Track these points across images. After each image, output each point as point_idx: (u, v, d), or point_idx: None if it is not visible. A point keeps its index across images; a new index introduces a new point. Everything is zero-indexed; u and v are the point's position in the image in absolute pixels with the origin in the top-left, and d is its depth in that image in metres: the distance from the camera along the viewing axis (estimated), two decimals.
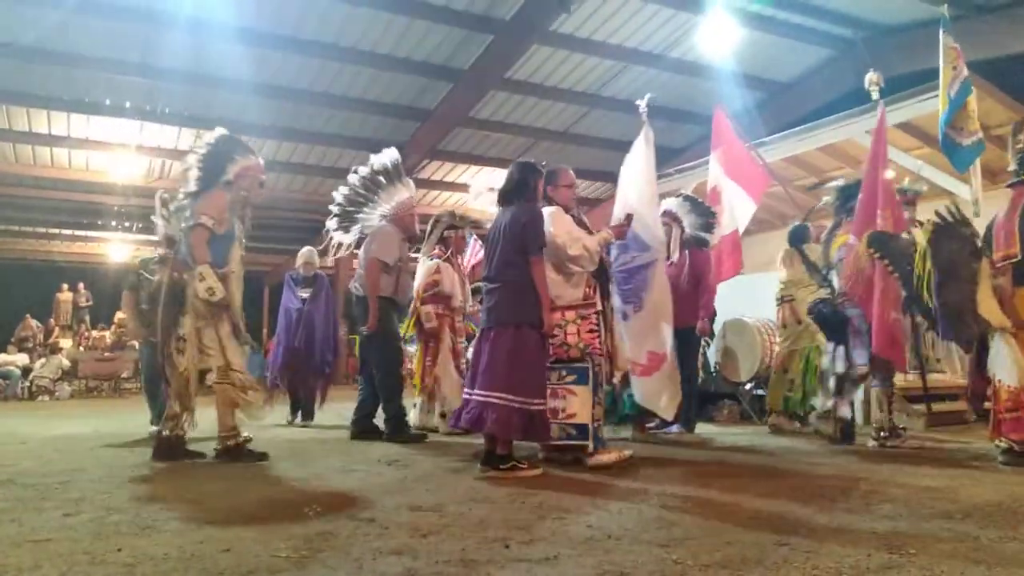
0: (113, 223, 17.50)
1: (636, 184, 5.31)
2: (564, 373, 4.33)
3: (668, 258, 5.74)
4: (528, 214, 4.16)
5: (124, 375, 14.93)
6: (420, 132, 12.88)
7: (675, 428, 5.89)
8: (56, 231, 18.36)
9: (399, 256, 5.92)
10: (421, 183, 15.19)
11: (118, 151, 12.79)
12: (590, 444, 4.23)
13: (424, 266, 6.50)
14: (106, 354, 15.04)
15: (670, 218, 6.06)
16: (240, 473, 4.14)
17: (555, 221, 4.37)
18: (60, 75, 10.52)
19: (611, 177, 15.03)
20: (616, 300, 5.09)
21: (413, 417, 6.31)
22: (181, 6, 9.02)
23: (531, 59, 11.06)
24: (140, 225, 17.52)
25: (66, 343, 16.55)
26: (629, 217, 4.77)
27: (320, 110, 12.17)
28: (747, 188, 6.48)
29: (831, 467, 4.30)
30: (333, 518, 2.91)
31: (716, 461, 4.65)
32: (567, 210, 4.59)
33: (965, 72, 5.43)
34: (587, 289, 4.46)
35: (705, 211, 6.14)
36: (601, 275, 4.59)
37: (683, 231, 6.09)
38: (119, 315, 18.05)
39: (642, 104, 5.52)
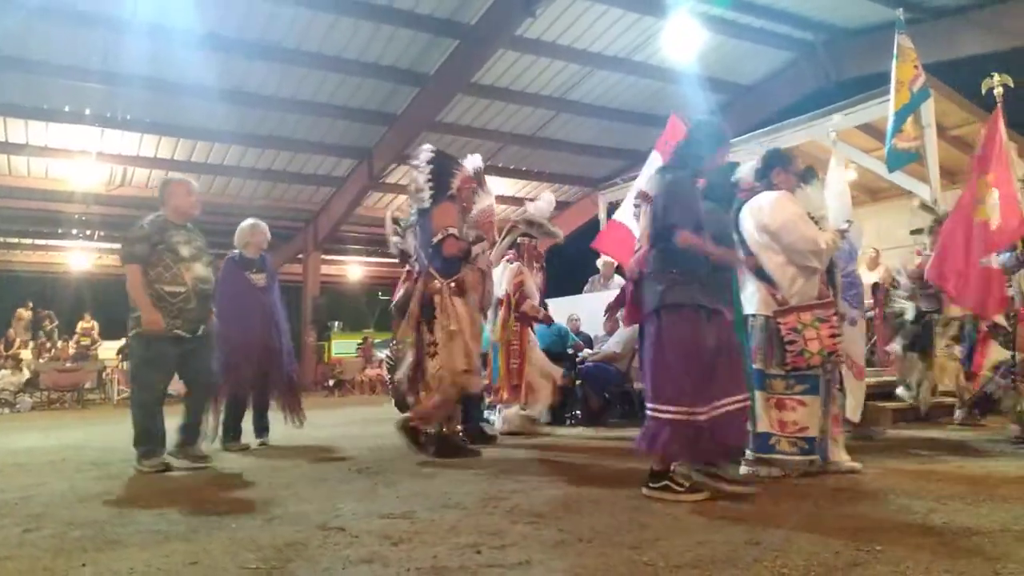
0: (74, 231, 17.18)
1: (831, 203, 5.25)
2: (793, 382, 3.88)
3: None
4: (659, 183, 3.58)
5: (87, 385, 14.62)
6: (387, 137, 12.83)
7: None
8: (15, 240, 17.97)
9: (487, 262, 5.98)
10: (389, 188, 15.14)
11: (78, 158, 12.55)
12: (818, 458, 3.88)
13: (506, 270, 6.52)
14: (68, 364, 14.71)
15: (643, 199, 5.96)
16: (207, 484, 4.08)
17: (791, 208, 3.89)
18: (17, 81, 10.30)
19: (580, 181, 15.29)
20: (844, 306, 5.08)
21: (498, 422, 6.43)
22: (142, 12, 8.89)
23: (497, 63, 11.08)
24: (101, 233, 17.23)
25: (26, 354, 16.17)
26: (849, 224, 4.64)
27: (286, 115, 12.06)
28: None
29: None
30: (302, 527, 2.88)
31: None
32: None
33: (923, 77, 5.54)
34: (822, 286, 4.03)
35: None
36: (831, 272, 4.22)
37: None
38: (82, 324, 17.73)
39: (830, 126, 5.45)
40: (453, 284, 4.90)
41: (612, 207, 10.44)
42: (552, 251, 7.18)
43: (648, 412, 3.36)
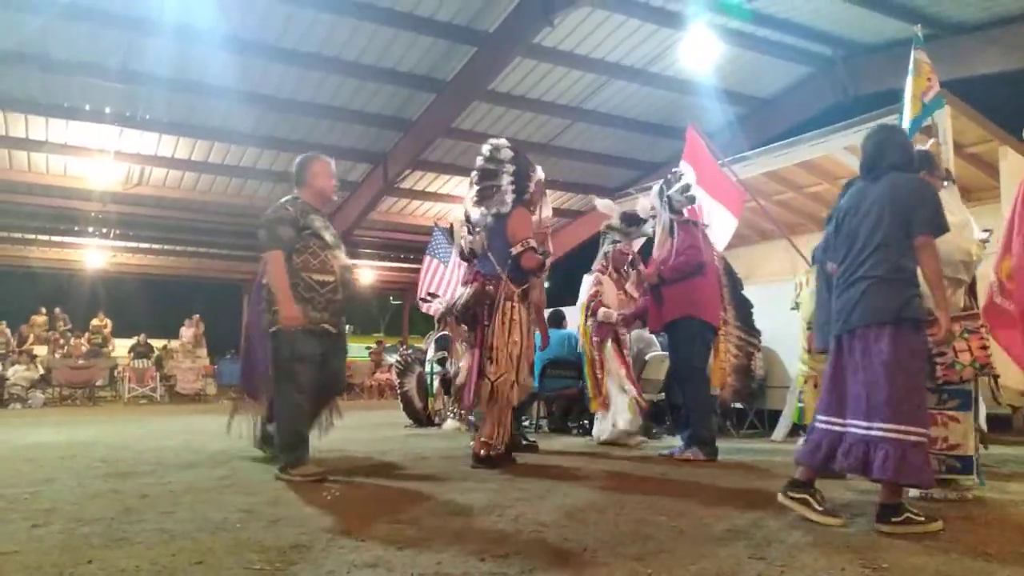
0: (90, 229, 17.33)
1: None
2: (946, 397, 3.65)
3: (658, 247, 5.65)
4: (913, 184, 3.19)
5: (99, 383, 14.73)
6: (403, 142, 12.89)
7: (685, 453, 5.30)
8: (32, 236, 18.13)
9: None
10: (403, 192, 15.21)
11: (97, 157, 12.67)
12: (975, 479, 3.68)
13: (585, 282, 6.55)
14: (80, 361, 14.84)
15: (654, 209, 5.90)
16: (214, 485, 4.09)
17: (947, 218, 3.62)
18: (38, 79, 10.43)
19: (593, 190, 15.29)
20: None
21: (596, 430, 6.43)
22: (164, 12, 8.99)
23: (514, 71, 11.12)
24: (117, 232, 17.37)
25: (40, 350, 16.32)
26: (989, 233, 4.42)
27: (303, 119, 12.15)
28: (727, 204, 6.53)
29: None
30: (307, 530, 2.89)
31: (693, 474, 4.65)
32: None
33: (937, 87, 5.52)
34: (966, 297, 3.83)
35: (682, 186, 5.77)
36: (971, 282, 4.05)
37: (670, 215, 5.70)
38: (95, 322, 17.87)
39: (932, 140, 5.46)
40: (521, 292, 4.82)
41: None
42: (562, 259, 7.16)
43: (881, 434, 2.95)
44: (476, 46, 10.28)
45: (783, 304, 6.59)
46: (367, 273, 22.53)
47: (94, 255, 19.07)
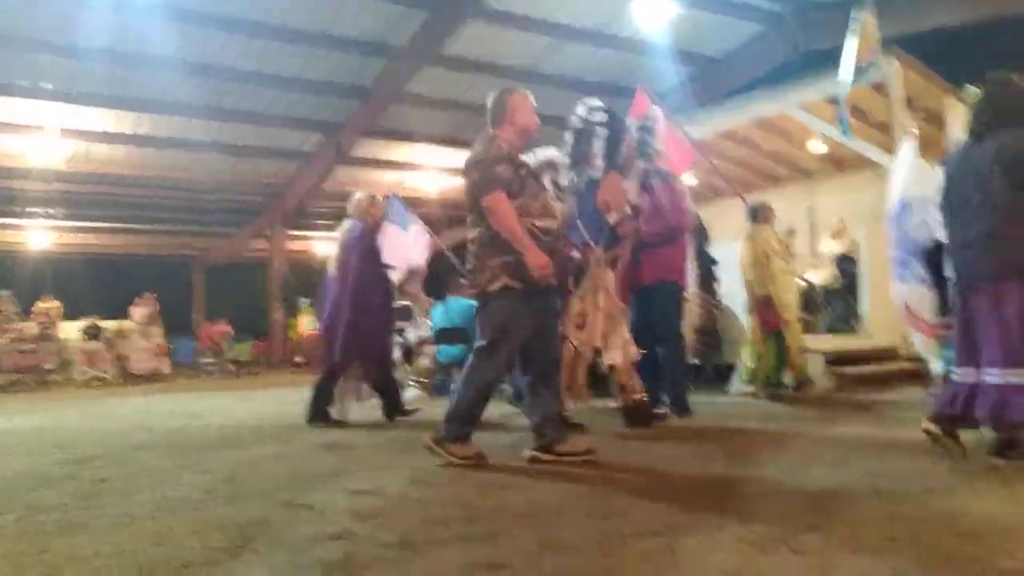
0: (34, 209, 16.78)
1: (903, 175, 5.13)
2: None
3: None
4: (1017, 144, 3.25)
5: (48, 367, 14.38)
6: (355, 111, 12.66)
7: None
8: None
9: None
10: (357, 161, 14.97)
11: (36, 134, 12.21)
12: None
13: None
14: (28, 346, 14.46)
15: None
16: (172, 465, 4.02)
17: None
18: None
19: None
20: (916, 265, 4.85)
21: None
22: None
23: (467, 35, 10.93)
24: (62, 211, 16.85)
25: None
26: None
27: (248, 87, 11.82)
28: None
29: (765, 431, 4.41)
30: (268, 505, 2.86)
31: (656, 429, 4.70)
32: None
33: (879, 52, 5.60)
34: None
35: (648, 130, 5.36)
36: None
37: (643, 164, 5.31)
38: (41, 304, 17.36)
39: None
40: (609, 257, 4.69)
41: None
42: None
43: (1018, 380, 3.06)
44: (426, 10, 10.07)
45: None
46: (324, 245, 22.28)
47: (38, 236, 18.51)
